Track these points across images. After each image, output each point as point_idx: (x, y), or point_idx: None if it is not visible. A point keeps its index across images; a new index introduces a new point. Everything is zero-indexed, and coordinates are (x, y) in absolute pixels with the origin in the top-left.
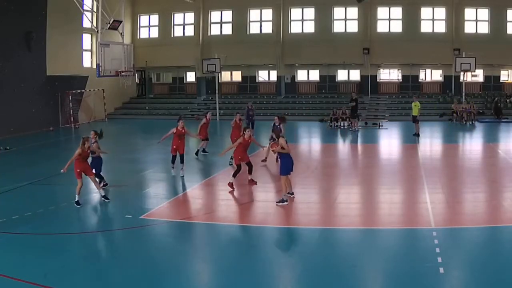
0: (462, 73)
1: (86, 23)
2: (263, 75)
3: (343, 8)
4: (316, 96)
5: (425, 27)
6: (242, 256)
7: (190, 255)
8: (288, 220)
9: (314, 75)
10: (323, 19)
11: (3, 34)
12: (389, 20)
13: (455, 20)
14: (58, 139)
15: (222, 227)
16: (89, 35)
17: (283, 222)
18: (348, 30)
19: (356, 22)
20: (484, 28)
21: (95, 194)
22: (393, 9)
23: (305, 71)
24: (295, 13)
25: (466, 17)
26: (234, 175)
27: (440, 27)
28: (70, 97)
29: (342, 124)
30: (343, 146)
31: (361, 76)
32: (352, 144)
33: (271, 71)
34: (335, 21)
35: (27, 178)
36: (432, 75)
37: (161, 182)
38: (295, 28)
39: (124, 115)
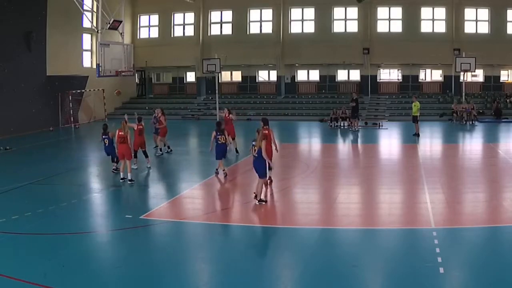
0: (462, 73)
1: (86, 23)
2: (263, 75)
3: (343, 8)
4: (316, 96)
5: (425, 27)
6: (242, 256)
7: (190, 255)
8: (288, 220)
9: (314, 75)
10: (323, 19)
11: (3, 34)
12: (389, 20)
13: (455, 20)
14: (58, 139)
15: (222, 227)
16: (89, 35)
17: (283, 222)
18: (348, 30)
19: (356, 22)
20: (484, 28)
21: (95, 194)
22: (393, 9)
23: (305, 71)
24: (295, 13)
25: (466, 17)
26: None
27: (440, 27)
28: (70, 97)
29: (342, 124)
30: (343, 146)
31: (361, 76)
32: (352, 144)
33: (271, 71)
34: (335, 21)
35: (27, 178)
36: (432, 75)
37: (161, 182)
38: (295, 28)
39: (124, 115)
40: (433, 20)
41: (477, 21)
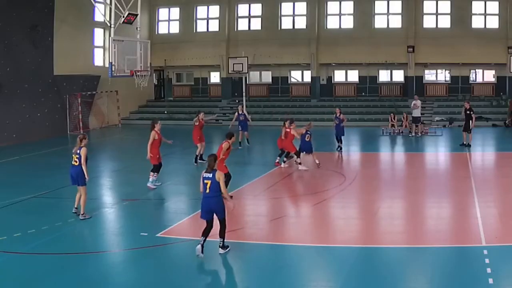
0: None
1: (98, 17)
2: (296, 76)
3: (385, 1)
4: (356, 99)
5: (477, 22)
6: (272, 277)
7: (214, 277)
8: (324, 238)
9: (353, 75)
10: (363, 13)
11: (6, 28)
12: (436, 15)
13: (509, 14)
14: (65, 146)
15: (250, 246)
16: (101, 30)
17: (319, 240)
18: (390, 26)
19: (399, 16)
20: None
21: (106, 209)
22: (440, 2)
23: (343, 72)
24: (332, 6)
25: None
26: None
27: (493, 23)
28: (80, 99)
29: (399, 130)
30: (392, 155)
31: (405, 77)
32: (403, 152)
33: (304, 71)
34: (376, 16)
35: (31, 190)
36: (484, 76)
37: (181, 195)
38: (332, 23)
39: (140, 120)
40: (485, 15)
41: None
